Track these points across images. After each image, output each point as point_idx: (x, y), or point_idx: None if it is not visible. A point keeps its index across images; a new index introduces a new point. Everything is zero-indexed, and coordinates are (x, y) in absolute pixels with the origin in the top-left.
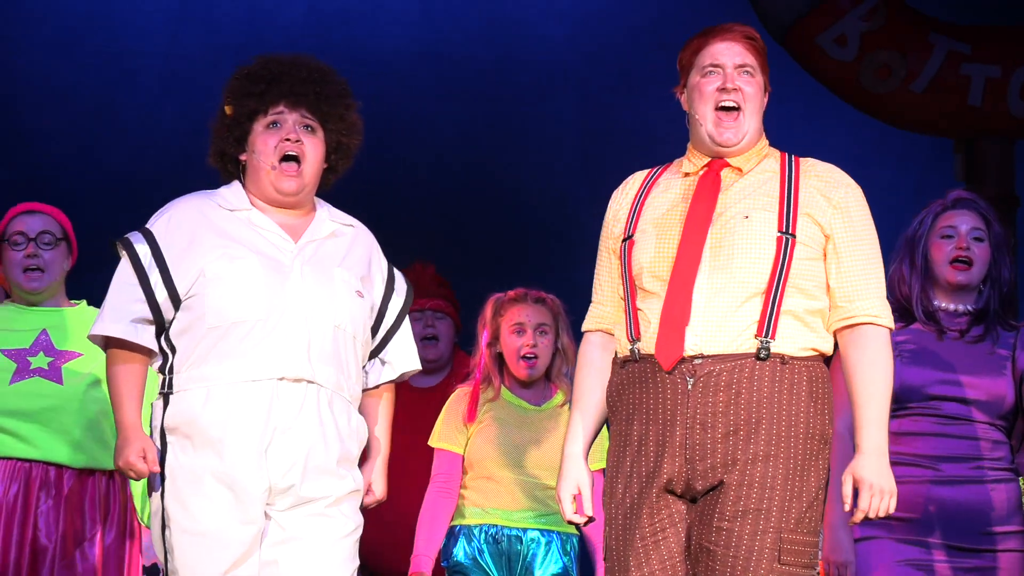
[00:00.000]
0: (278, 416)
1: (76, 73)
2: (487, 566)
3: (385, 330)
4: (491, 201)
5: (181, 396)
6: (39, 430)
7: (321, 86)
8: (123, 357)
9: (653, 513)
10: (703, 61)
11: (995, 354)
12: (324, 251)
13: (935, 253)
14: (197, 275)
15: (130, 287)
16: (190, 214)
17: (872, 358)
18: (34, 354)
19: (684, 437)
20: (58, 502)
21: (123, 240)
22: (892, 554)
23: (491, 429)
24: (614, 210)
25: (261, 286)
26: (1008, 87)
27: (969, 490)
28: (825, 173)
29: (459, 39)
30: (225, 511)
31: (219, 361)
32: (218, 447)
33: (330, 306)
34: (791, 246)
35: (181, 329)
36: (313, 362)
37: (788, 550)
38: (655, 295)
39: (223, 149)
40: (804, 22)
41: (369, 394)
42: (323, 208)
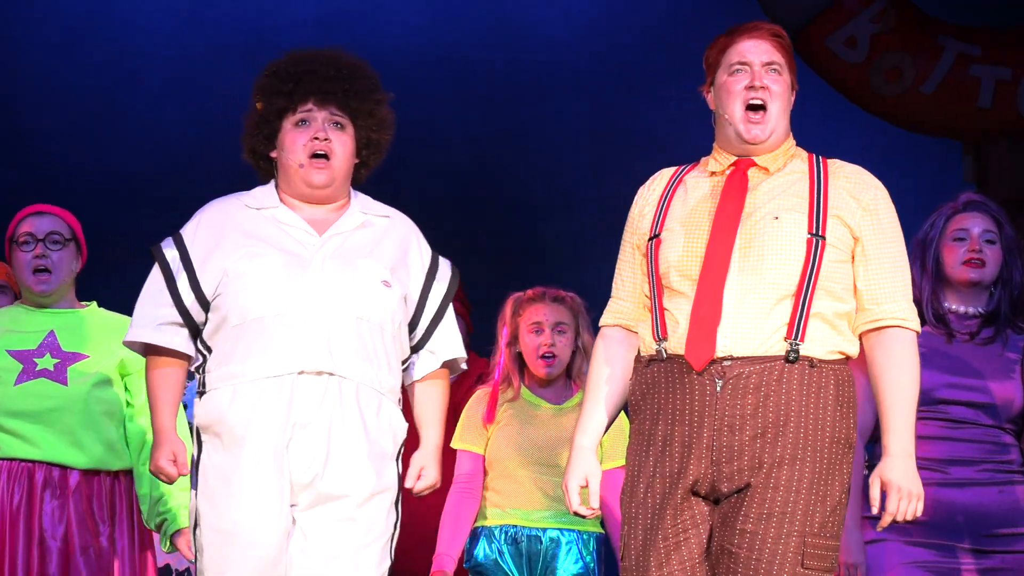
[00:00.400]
0: (298, 410)
1: (78, 74)
2: (508, 567)
3: (427, 321)
4: (497, 203)
5: (211, 395)
6: (43, 431)
7: (350, 82)
8: (157, 362)
9: (676, 514)
10: (730, 59)
11: (1004, 357)
12: (351, 243)
13: (947, 255)
14: (221, 275)
15: (159, 292)
16: (218, 216)
17: (899, 361)
18: (40, 355)
19: (711, 439)
20: (64, 502)
21: (155, 248)
22: (902, 556)
23: (510, 429)
24: (640, 207)
25: (280, 281)
26: (1018, 89)
27: (978, 492)
28: (853, 175)
29: (465, 41)
30: (251, 509)
31: (243, 358)
32: (242, 444)
33: (352, 297)
34: (821, 248)
35: (213, 330)
36: (335, 354)
37: (811, 554)
38: (683, 295)
39: (254, 147)
40: (814, 25)
41: (418, 385)
42: (357, 200)
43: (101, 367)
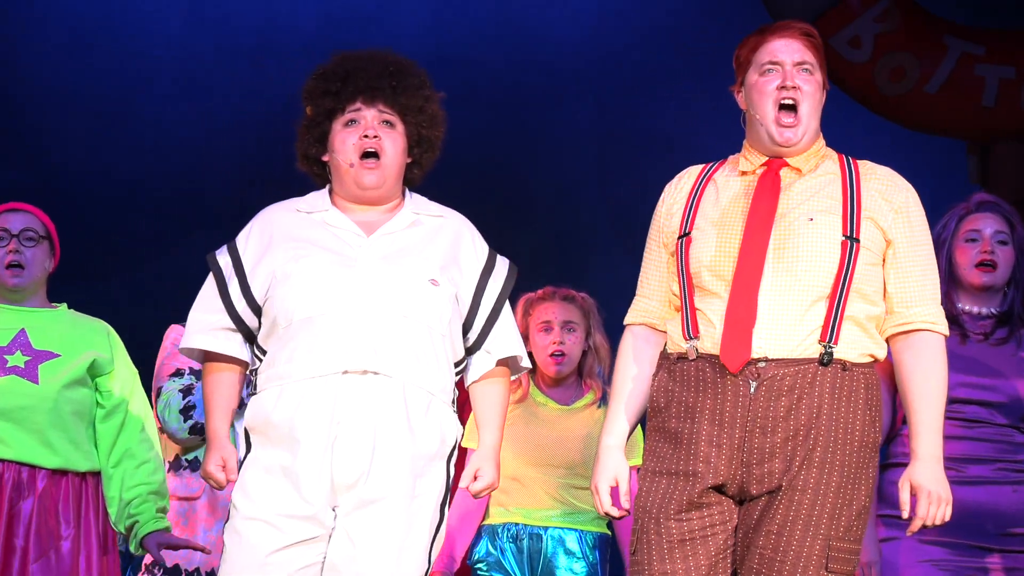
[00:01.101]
0: (343, 410)
1: (89, 76)
2: (509, 566)
3: (483, 321)
4: (502, 203)
5: (260, 396)
6: (12, 429)
7: (398, 79)
8: (212, 368)
9: (703, 510)
10: (761, 59)
11: (1018, 356)
12: (399, 242)
13: (960, 257)
14: (269, 279)
15: (212, 299)
16: (269, 223)
17: (929, 365)
18: (11, 352)
19: (743, 440)
20: (31, 503)
21: (210, 256)
22: (916, 554)
23: (517, 428)
24: (668, 204)
25: (325, 282)
26: (1022, 89)
27: (992, 491)
28: (885, 176)
29: (471, 43)
30: (284, 502)
31: (289, 359)
32: (287, 444)
33: (397, 296)
34: (856, 251)
35: (266, 334)
36: (379, 353)
37: (835, 558)
38: (716, 295)
39: (306, 151)
40: (817, 24)
41: (476, 386)
42: (412, 201)
43: (72, 367)
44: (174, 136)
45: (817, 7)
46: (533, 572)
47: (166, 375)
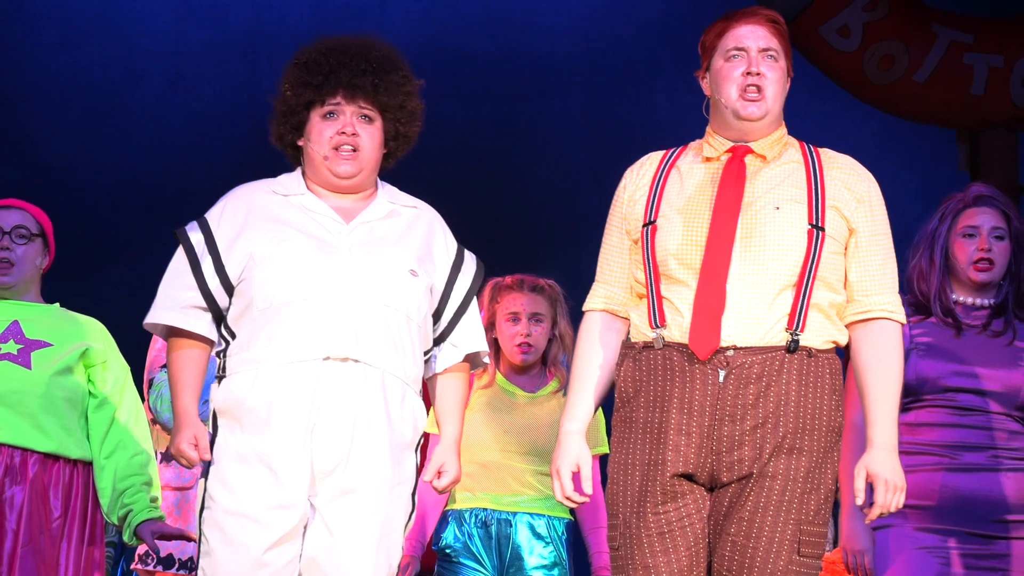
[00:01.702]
0: (323, 396)
1: (83, 73)
2: (477, 551)
3: (451, 313)
4: (498, 195)
5: (231, 379)
6: (5, 412)
7: (380, 76)
8: (180, 344)
9: (677, 500)
10: (727, 44)
11: (1014, 346)
12: (378, 232)
13: (957, 252)
14: (247, 259)
15: (182, 275)
16: (243, 202)
17: (886, 353)
18: (4, 340)
19: (712, 428)
20: (23, 487)
21: (179, 231)
22: (909, 542)
23: (483, 415)
24: (630, 191)
25: (307, 266)
26: (1011, 77)
27: (985, 478)
28: (847, 166)
29: (464, 34)
30: (267, 493)
31: (267, 343)
32: (263, 429)
33: (379, 285)
34: (821, 239)
35: (237, 314)
36: (361, 341)
37: (806, 542)
38: (683, 283)
39: (281, 134)
40: (807, 14)
41: (438, 378)
42: (384, 190)
43: (64, 355)
44: (166, 130)
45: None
46: (501, 557)
47: (158, 366)
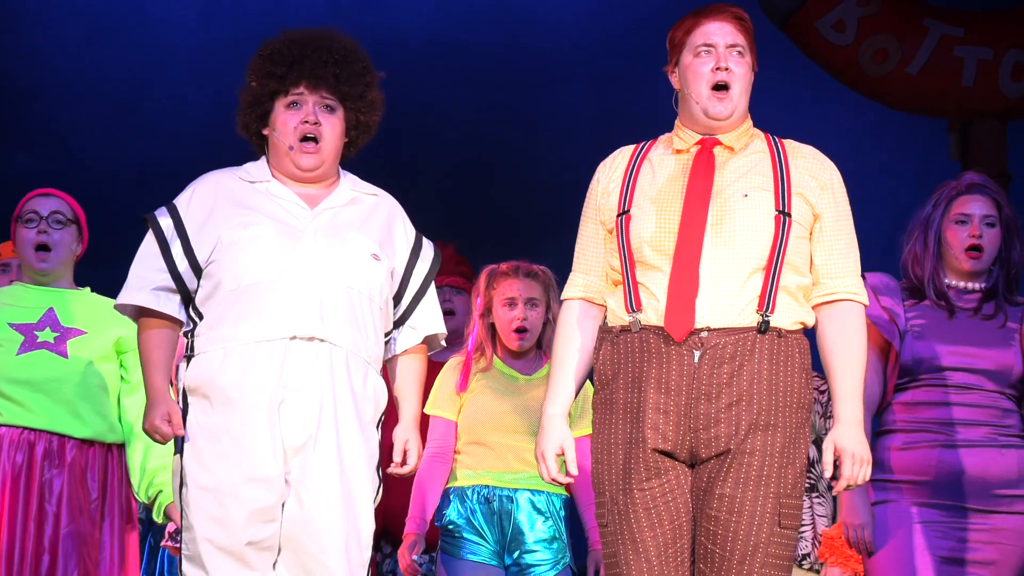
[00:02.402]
0: (290, 374)
1: (108, 66)
2: (480, 526)
3: (410, 297)
4: (502, 182)
5: (201, 358)
6: (43, 400)
7: (342, 67)
8: (150, 324)
9: (660, 476)
10: (695, 41)
11: (1006, 328)
12: (341, 218)
13: (950, 238)
14: (215, 243)
15: (152, 258)
16: (211, 188)
17: (850, 333)
18: (41, 329)
19: (688, 407)
20: (61, 471)
21: (149, 216)
22: (906, 516)
23: (482, 397)
24: (604, 184)
25: (274, 250)
26: (999, 68)
27: (980, 454)
28: (811, 155)
29: (472, 28)
30: (239, 468)
31: (235, 323)
32: (233, 406)
33: (343, 268)
34: (788, 225)
35: (205, 296)
36: (326, 321)
37: (785, 514)
38: (658, 269)
39: (247, 124)
40: (804, 9)
41: (398, 359)
42: (346, 178)
43: (98, 343)
44: (188, 123)
45: None
46: (503, 532)
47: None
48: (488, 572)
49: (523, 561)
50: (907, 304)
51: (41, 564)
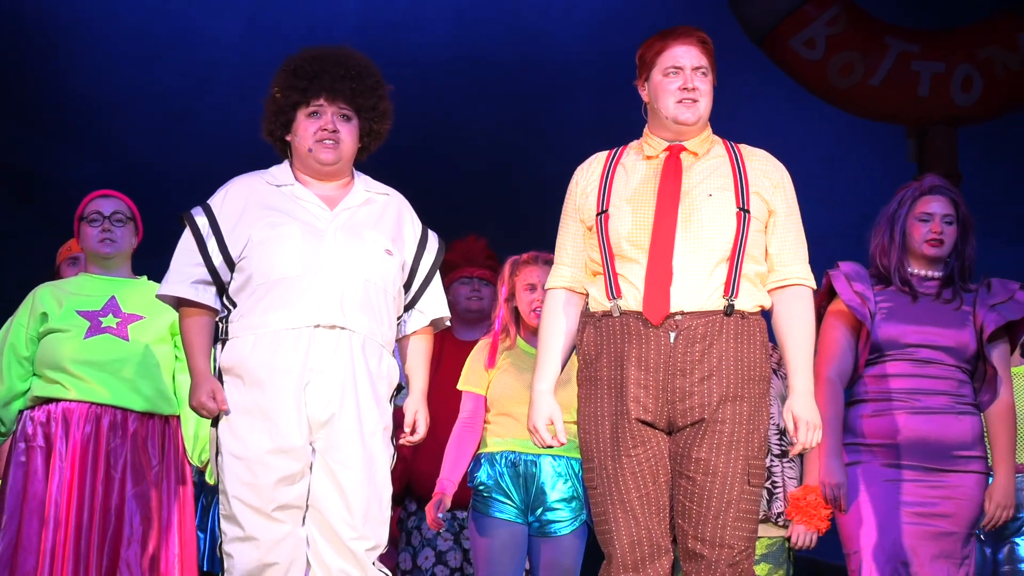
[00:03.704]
0: (315, 358)
1: (161, 82)
2: (507, 487)
3: (418, 284)
4: (517, 183)
5: (234, 342)
6: (108, 378)
7: (357, 81)
8: (190, 313)
9: (643, 443)
10: (665, 62)
11: (961, 311)
12: (358, 217)
13: (913, 232)
14: (246, 241)
15: (190, 252)
16: (243, 190)
17: (802, 314)
18: (104, 315)
19: (666, 381)
20: (124, 440)
21: (186, 214)
22: (876, 475)
23: (508, 373)
24: (582, 186)
25: (299, 248)
26: (951, 81)
27: (940, 420)
28: (763, 157)
29: (488, 45)
30: (268, 439)
31: (265, 312)
32: (263, 386)
33: (361, 263)
34: (748, 220)
35: (238, 287)
36: (346, 311)
37: (754, 474)
38: (635, 261)
39: (272, 131)
40: (778, 29)
41: (408, 339)
42: (360, 180)
43: (155, 327)
44: (233, 130)
45: (777, 14)
46: (528, 492)
47: None
48: (513, 528)
49: (544, 518)
50: (876, 289)
51: (108, 523)
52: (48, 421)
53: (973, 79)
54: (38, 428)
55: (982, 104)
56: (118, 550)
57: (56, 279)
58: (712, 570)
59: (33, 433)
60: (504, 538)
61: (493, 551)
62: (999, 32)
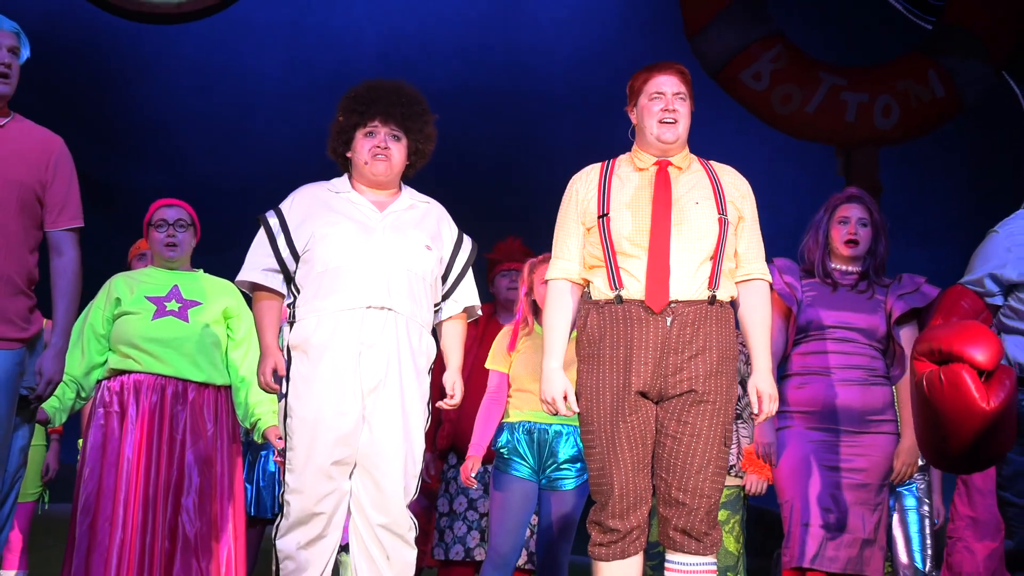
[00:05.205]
0: (366, 334)
1: (214, 107)
2: (523, 451)
3: (453, 278)
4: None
5: (300, 323)
6: (172, 354)
7: (407, 108)
8: (261, 296)
9: (637, 412)
10: (650, 89)
11: (874, 299)
12: (403, 218)
13: (834, 234)
14: (309, 236)
15: (263, 246)
16: (307, 196)
17: (762, 303)
18: (168, 300)
19: (661, 358)
20: (185, 407)
21: (261, 216)
22: (802, 437)
23: (527, 355)
24: (583, 193)
25: (353, 242)
26: (874, 108)
27: (856, 390)
28: (732, 172)
29: (488, 77)
30: (329, 403)
31: (325, 296)
32: (324, 358)
33: (404, 255)
34: (726, 225)
35: (303, 276)
36: (392, 295)
37: (727, 437)
38: (635, 257)
39: (335, 148)
40: (730, 64)
41: (444, 324)
42: (406, 191)
43: (211, 311)
44: (276, 148)
45: (729, 53)
46: (540, 454)
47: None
48: (526, 485)
49: (553, 476)
50: (803, 281)
51: (172, 475)
52: (122, 390)
53: (892, 107)
54: (113, 396)
55: (899, 128)
56: (179, 498)
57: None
58: (692, 515)
59: (110, 400)
60: (518, 492)
61: (508, 502)
62: (913, 69)
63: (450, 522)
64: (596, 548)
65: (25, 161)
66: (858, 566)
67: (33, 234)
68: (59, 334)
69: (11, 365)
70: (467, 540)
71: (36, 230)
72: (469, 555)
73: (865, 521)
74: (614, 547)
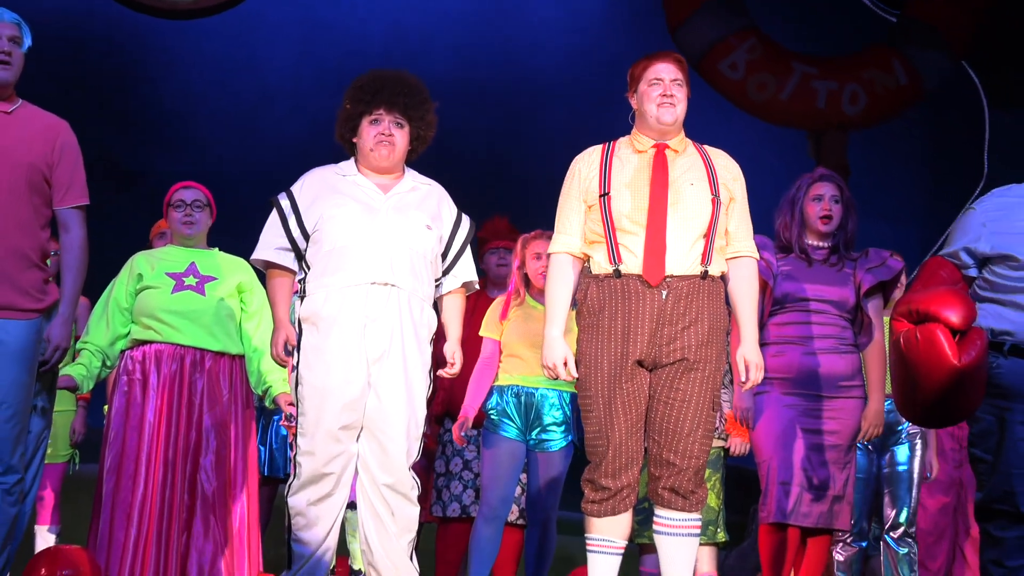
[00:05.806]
0: (371, 308)
1: (232, 99)
2: (511, 413)
3: (452, 255)
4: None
5: (310, 297)
6: (189, 324)
7: (410, 96)
8: (274, 274)
9: (633, 379)
10: (649, 76)
11: (843, 272)
12: (406, 200)
13: (808, 211)
14: (318, 217)
15: (276, 227)
16: (317, 179)
17: (749, 278)
18: (187, 276)
19: (657, 329)
20: (202, 375)
21: (273, 198)
22: (778, 402)
23: (518, 323)
24: (585, 172)
25: (359, 222)
26: (842, 96)
27: (828, 358)
28: (722, 156)
29: (484, 71)
30: (337, 372)
31: (333, 273)
32: (332, 330)
33: (406, 235)
34: (718, 205)
35: (312, 254)
36: (395, 272)
37: (716, 403)
38: (633, 234)
39: (342, 134)
40: (709, 56)
41: (444, 298)
42: (409, 173)
43: (226, 286)
44: (288, 140)
45: (708, 44)
46: (527, 417)
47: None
48: (514, 445)
49: (540, 437)
50: (779, 256)
51: (191, 438)
52: (144, 359)
53: (859, 95)
54: (136, 365)
55: (866, 114)
56: (198, 459)
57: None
58: (681, 475)
59: (132, 369)
60: (506, 451)
61: (497, 460)
62: (878, 59)
63: (447, 482)
64: (588, 505)
65: (33, 144)
66: (828, 520)
67: (43, 212)
68: (66, 303)
69: (31, 333)
70: (463, 498)
71: (46, 208)
72: (465, 511)
73: (835, 479)
74: (605, 504)
